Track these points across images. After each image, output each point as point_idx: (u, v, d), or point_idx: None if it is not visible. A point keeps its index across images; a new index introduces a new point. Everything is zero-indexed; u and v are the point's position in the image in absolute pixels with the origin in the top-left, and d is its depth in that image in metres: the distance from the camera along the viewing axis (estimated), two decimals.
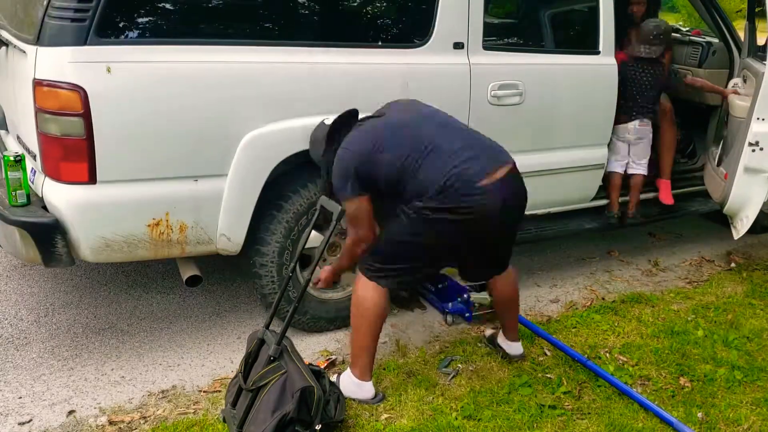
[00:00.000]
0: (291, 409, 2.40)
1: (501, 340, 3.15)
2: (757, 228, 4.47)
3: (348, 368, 2.83)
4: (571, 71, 3.67)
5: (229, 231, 2.95)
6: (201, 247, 2.96)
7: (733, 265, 4.40)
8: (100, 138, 2.62)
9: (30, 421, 2.69)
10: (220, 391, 2.89)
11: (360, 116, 2.81)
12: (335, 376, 2.85)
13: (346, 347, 3.27)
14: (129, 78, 2.64)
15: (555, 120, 3.64)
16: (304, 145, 2.98)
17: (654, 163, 4.24)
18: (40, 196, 2.78)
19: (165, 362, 3.12)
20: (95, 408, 2.77)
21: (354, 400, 2.79)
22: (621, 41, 4.52)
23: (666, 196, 4.30)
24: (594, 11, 3.69)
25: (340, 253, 3.05)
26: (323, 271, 2.97)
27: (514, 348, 3.13)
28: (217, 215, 2.91)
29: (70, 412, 2.74)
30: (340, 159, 2.65)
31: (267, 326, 2.71)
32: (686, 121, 4.79)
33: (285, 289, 2.84)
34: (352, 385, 2.80)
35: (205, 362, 3.14)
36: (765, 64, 3.62)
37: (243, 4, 3.05)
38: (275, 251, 3.11)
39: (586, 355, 3.15)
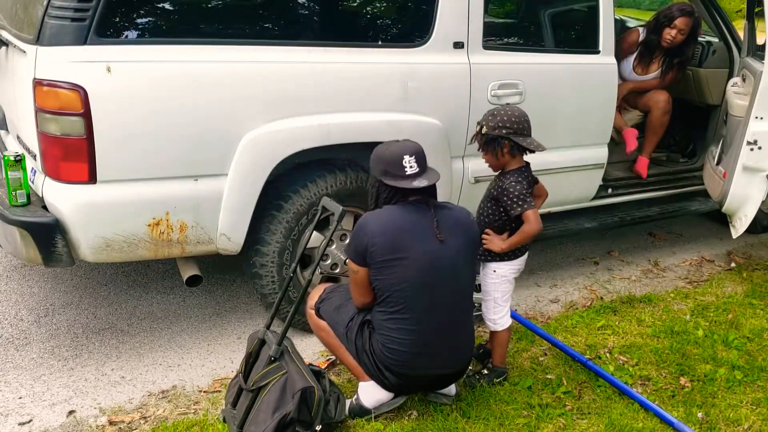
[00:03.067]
0: (291, 410, 2.41)
1: None
2: (756, 227, 4.48)
3: (359, 384, 2.76)
4: (571, 71, 3.67)
5: (229, 231, 2.95)
6: (201, 246, 2.96)
7: (733, 265, 4.40)
8: (100, 138, 2.62)
9: (30, 421, 2.68)
10: (220, 392, 2.89)
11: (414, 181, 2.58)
12: (348, 401, 2.75)
13: None
14: (129, 77, 2.64)
15: (555, 119, 3.64)
16: (304, 145, 2.98)
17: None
18: (40, 195, 2.78)
19: (165, 362, 3.12)
20: (95, 408, 2.77)
21: (383, 405, 2.72)
22: (641, 62, 4.47)
23: (641, 168, 4.34)
24: (594, 11, 3.69)
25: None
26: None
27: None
28: (218, 215, 2.91)
29: (70, 413, 2.74)
30: (362, 228, 2.57)
31: (268, 327, 2.71)
32: (686, 120, 4.80)
33: (286, 290, 2.84)
34: (372, 389, 2.71)
35: (205, 362, 3.14)
36: (764, 63, 3.62)
37: (243, 4, 3.05)
38: (275, 251, 3.11)
39: (586, 355, 3.16)
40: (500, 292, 2.92)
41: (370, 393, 2.71)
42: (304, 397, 2.43)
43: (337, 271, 3.30)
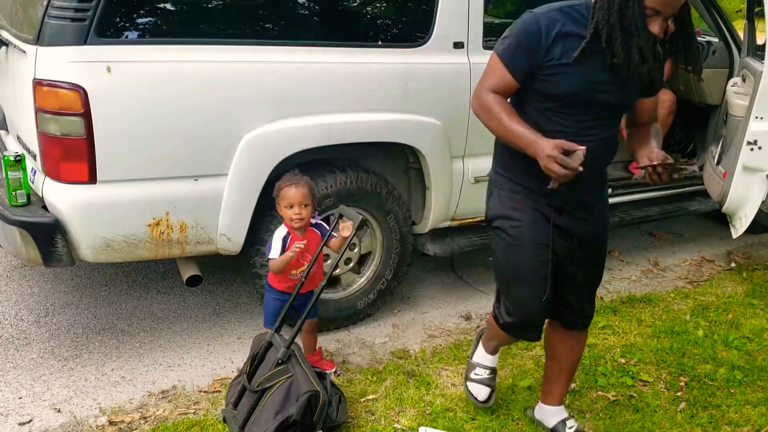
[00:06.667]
0: (294, 412, 2.40)
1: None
2: (756, 227, 4.47)
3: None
4: None
5: (229, 231, 2.95)
6: (201, 246, 2.96)
7: (733, 265, 4.40)
8: (100, 138, 2.62)
9: (30, 421, 2.68)
10: (220, 392, 2.89)
11: None
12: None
13: (346, 347, 3.27)
14: (129, 78, 2.64)
15: None
16: (304, 145, 2.98)
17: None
18: (40, 196, 2.78)
19: (165, 362, 3.12)
20: (95, 408, 2.77)
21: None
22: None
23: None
24: None
25: None
26: None
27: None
28: (218, 215, 2.91)
29: (70, 413, 2.74)
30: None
31: (277, 330, 2.70)
32: (686, 120, 4.80)
33: (294, 297, 2.83)
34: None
35: (205, 362, 3.13)
36: (763, 63, 3.62)
37: (243, 4, 3.05)
38: None
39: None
40: None
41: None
42: (308, 401, 2.43)
43: (338, 271, 3.30)
